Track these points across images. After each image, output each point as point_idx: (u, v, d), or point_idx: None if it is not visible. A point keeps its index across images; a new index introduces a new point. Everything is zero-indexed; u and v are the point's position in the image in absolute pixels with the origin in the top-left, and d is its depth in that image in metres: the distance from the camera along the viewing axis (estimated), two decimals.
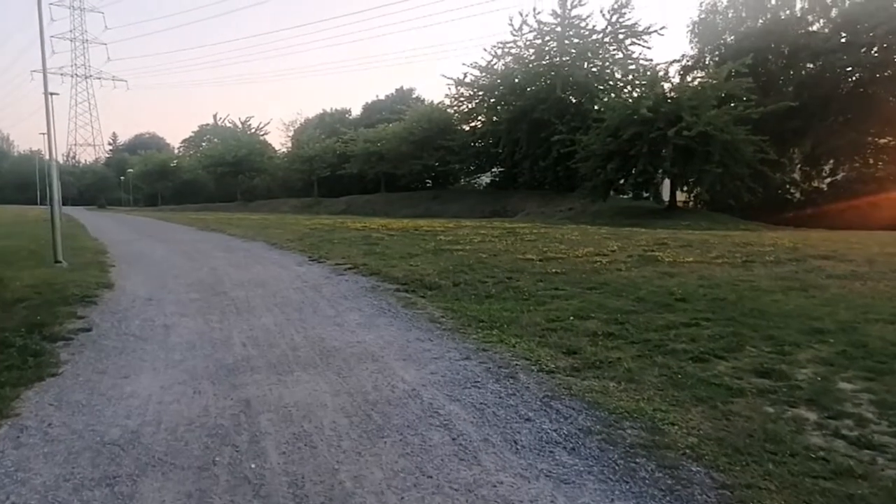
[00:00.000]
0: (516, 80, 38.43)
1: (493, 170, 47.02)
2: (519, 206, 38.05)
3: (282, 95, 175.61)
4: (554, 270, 9.33)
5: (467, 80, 41.62)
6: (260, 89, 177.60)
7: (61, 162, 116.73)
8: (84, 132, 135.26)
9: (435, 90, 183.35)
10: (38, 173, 63.37)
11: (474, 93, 42.26)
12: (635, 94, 32.60)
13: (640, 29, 35.92)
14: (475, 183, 52.24)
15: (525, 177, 38.35)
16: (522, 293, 7.78)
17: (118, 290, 8.37)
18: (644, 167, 24.87)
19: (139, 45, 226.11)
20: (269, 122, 76.55)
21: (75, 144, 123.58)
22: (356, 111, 67.86)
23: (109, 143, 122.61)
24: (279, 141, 78.25)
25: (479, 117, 42.35)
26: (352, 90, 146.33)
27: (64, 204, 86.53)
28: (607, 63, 37.30)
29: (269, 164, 62.91)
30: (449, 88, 47.47)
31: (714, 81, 24.92)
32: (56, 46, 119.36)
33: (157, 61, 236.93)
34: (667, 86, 26.75)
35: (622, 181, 27.88)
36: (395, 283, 8.87)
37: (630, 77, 36.22)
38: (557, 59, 37.60)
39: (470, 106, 43.54)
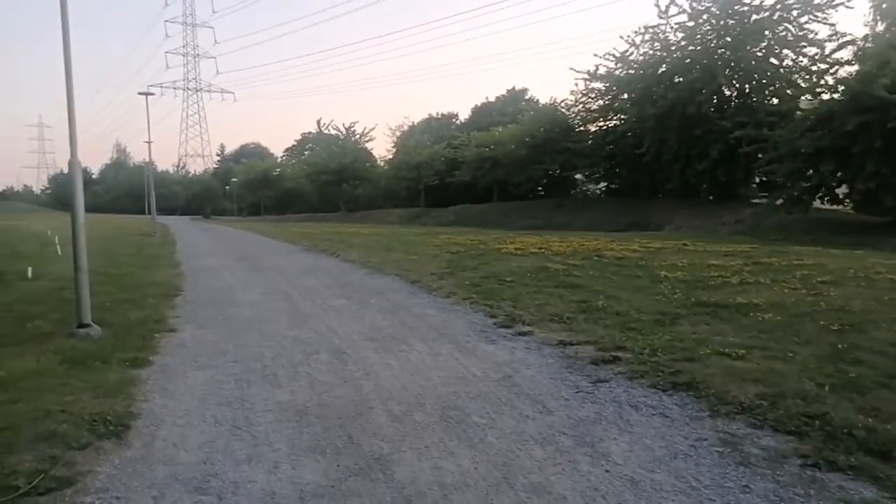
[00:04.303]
0: (662, 70, 32.61)
1: (615, 176, 41.07)
2: (663, 219, 32.12)
3: (386, 101, 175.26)
4: None
5: (600, 72, 36.13)
6: (364, 96, 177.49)
7: (171, 172, 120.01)
8: (194, 143, 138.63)
9: (548, 90, 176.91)
10: (148, 185, 62.97)
11: (608, 87, 36.66)
12: (822, 81, 26.34)
13: (821, 1, 29.14)
14: (588, 190, 46.59)
15: (674, 182, 32.28)
16: None
17: (139, 438, 3.65)
18: (878, 168, 18.50)
19: (245, 56, 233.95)
20: (374, 128, 73.22)
21: (186, 155, 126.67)
22: (464, 115, 63.53)
23: (217, 154, 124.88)
24: (384, 148, 75.38)
25: (619, 115, 36.59)
26: (459, 93, 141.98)
27: (172, 213, 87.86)
28: (773, 45, 30.66)
29: (373, 172, 59.50)
30: (576, 84, 42.17)
31: None
32: (170, 61, 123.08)
33: (262, 72, 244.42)
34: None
35: (837, 186, 21.41)
36: (757, 421, 3.77)
37: (804, 62, 29.69)
38: (713, 42, 31.47)
39: (602, 103, 37.94)
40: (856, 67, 21.22)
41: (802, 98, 29.07)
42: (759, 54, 30.47)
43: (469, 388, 4.59)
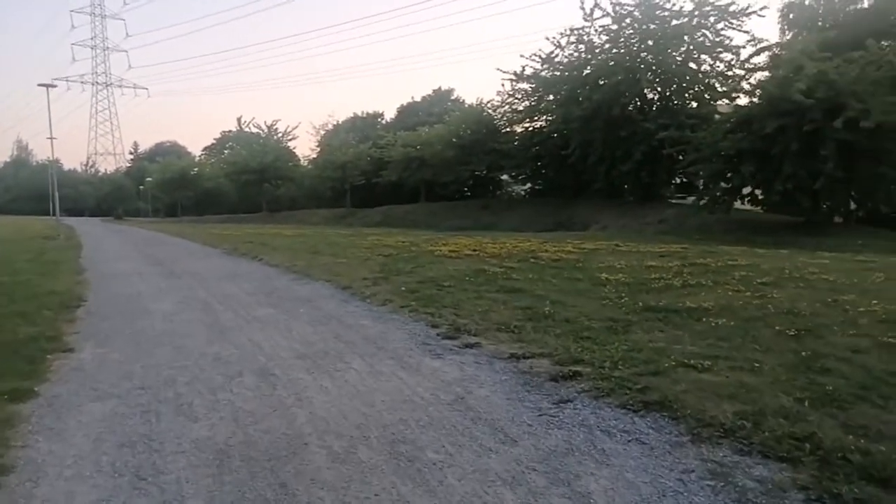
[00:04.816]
0: (587, 72, 32.97)
1: (541, 177, 41.42)
2: (589, 218, 32.56)
3: (309, 99, 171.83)
4: None
5: (526, 73, 36.23)
6: (285, 94, 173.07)
7: (80, 171, 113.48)
8: (105, 141, 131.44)
9: (475, 90, 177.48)
10: (52, 183, 58.65)
11: (534, 88, 36.82)
12: (739, 86, 27.31)
13: (737, 9, 30.21)
14: (513, 191, 47.09)
15: (600, 183, 32.71)
16: None
17: (11, 500, 2.94)
18: (794, 170, 19.12)
19: (160, 51, 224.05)
20: (297, 127, 70.63)
21: (95, 153, 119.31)
22: (390, 115, 62.76)
23: (130, 153, 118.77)
24: (308, 147, 73.50)
25: (545, 116, 36.78)
26: (384, 93, 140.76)
27: (80, 214, 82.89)
28: (693, 50, 31.55)
29: (296, 171, 57.77)
30: (503, 85, 42.45)
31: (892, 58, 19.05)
32: (77, 54, 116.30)
33: (177, 67, 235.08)
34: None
35: (756, 188, 22.08)
36: (743, 446, 3.41)
37: (721, 67, 30.72)
38: (636, 46, 32.08)
39: (528, 103, 38.07)
40: (770, 73, 21.94)
41: (720, 102, 30.14)
42: (679, 59, 31.27)
43: (418, 415, 4.03)
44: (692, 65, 31.34)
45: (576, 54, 34.13)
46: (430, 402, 4.26)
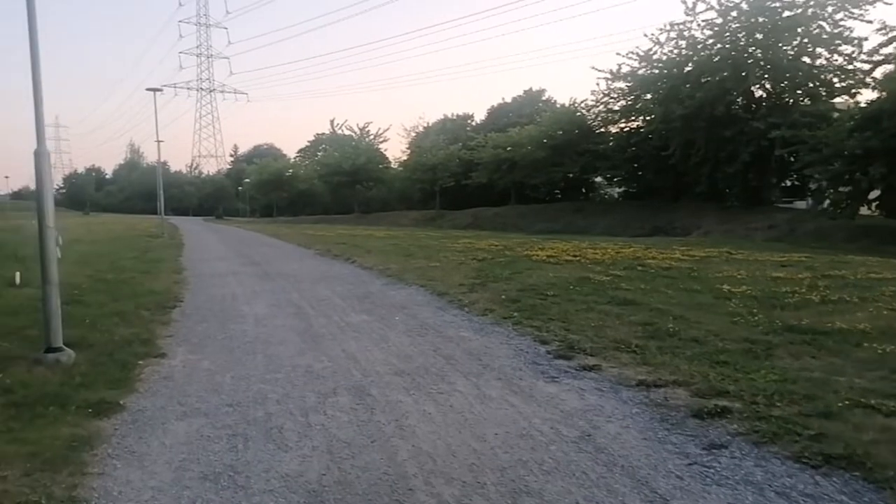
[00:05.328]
0: (689, 69, 31.26)
1: (637, 179, 39.78)
2: (689, 223, 30.88)
3: (400, 102, 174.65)
4: None
5: (623, 71, 34.83)
6: (377, 97, 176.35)
7: (185, 172, 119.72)
8: (207, 144, 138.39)
9: (566, 91, 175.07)
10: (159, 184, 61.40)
11: (631, 87, 35.34)
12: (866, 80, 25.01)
13: None
14: (605, 194, 45.61)
15: (702, 185, 30.93)
16: None
17: None
18: None
19: (259, 56, 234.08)
20: (388, 129, 70.83)
21: (199, 156, 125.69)
22: (479, 116, 62.21)
23: (231, 155, 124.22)
24: (399, 149, 74.04)
25: (643, 116, 35.24)
26: (474, 94, 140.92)
27: (185, 213, 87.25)
28: (807, 43, 29.16)
29: (387, 173, 58.30)
30: (598, 84, 41.15)
31: None
32: (184, 62, 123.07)
33: (276, 72, 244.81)
34: None
35: (886, 191, 20.06)
36: None
37: (839, 60, 28.26)
38: (743, 41, 30.08)
39: (624, 103, 36.61)
40: None
41: (838, 98, 27.80)
42: (792, 53, 29.07)
43: (540, 455, 3.41)
44: (806, 59, 29.12)
45: (676, 51, 32.55)
46: (551, 439, 3.63)
